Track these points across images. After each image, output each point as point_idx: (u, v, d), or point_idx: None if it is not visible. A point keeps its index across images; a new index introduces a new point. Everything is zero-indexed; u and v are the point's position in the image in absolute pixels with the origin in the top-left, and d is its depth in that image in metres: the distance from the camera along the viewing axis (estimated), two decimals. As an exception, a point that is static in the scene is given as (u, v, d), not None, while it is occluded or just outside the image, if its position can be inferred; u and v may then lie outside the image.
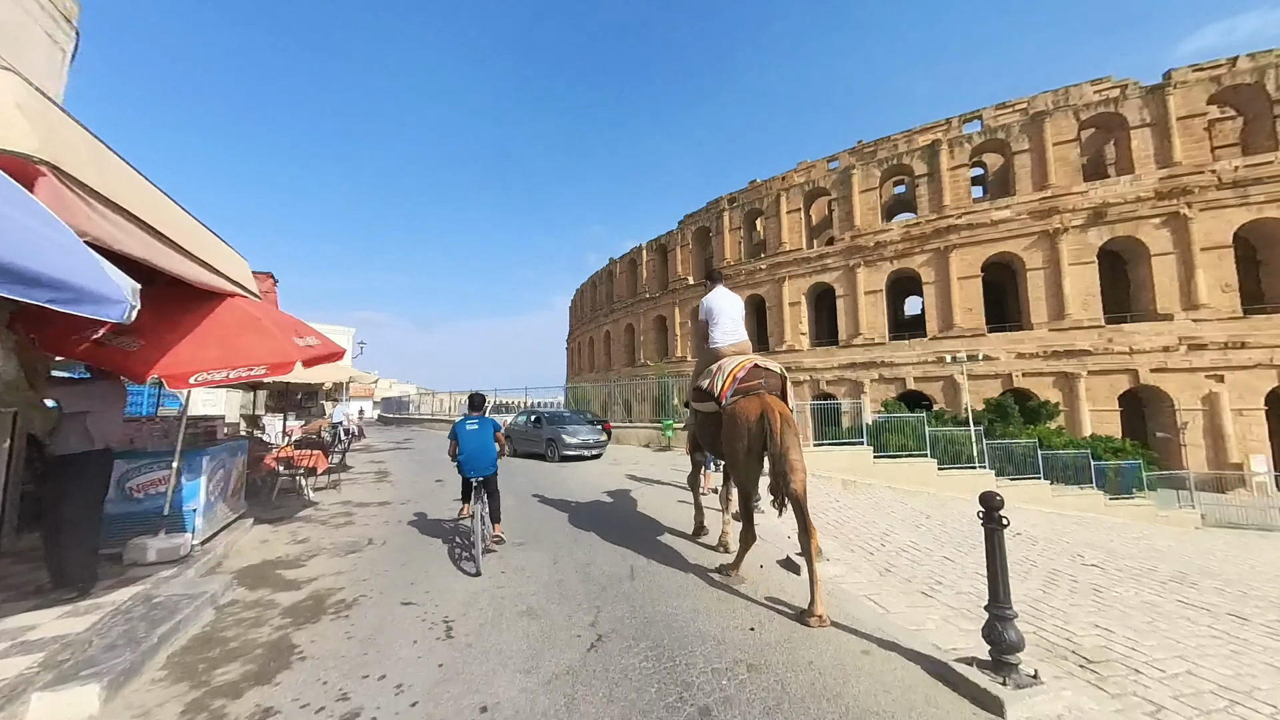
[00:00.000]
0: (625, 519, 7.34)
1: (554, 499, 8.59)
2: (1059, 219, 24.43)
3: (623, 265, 43.42)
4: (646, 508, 8.00)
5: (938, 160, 27.28)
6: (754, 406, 4.41)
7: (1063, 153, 24.85)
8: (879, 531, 8.66)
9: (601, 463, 13.60)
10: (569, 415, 15.19)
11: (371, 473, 12.24)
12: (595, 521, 7.12)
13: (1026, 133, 25.61)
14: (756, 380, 4.69)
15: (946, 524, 10.14)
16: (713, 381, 4.87)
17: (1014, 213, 25.43)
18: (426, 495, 9.05)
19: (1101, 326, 23.54)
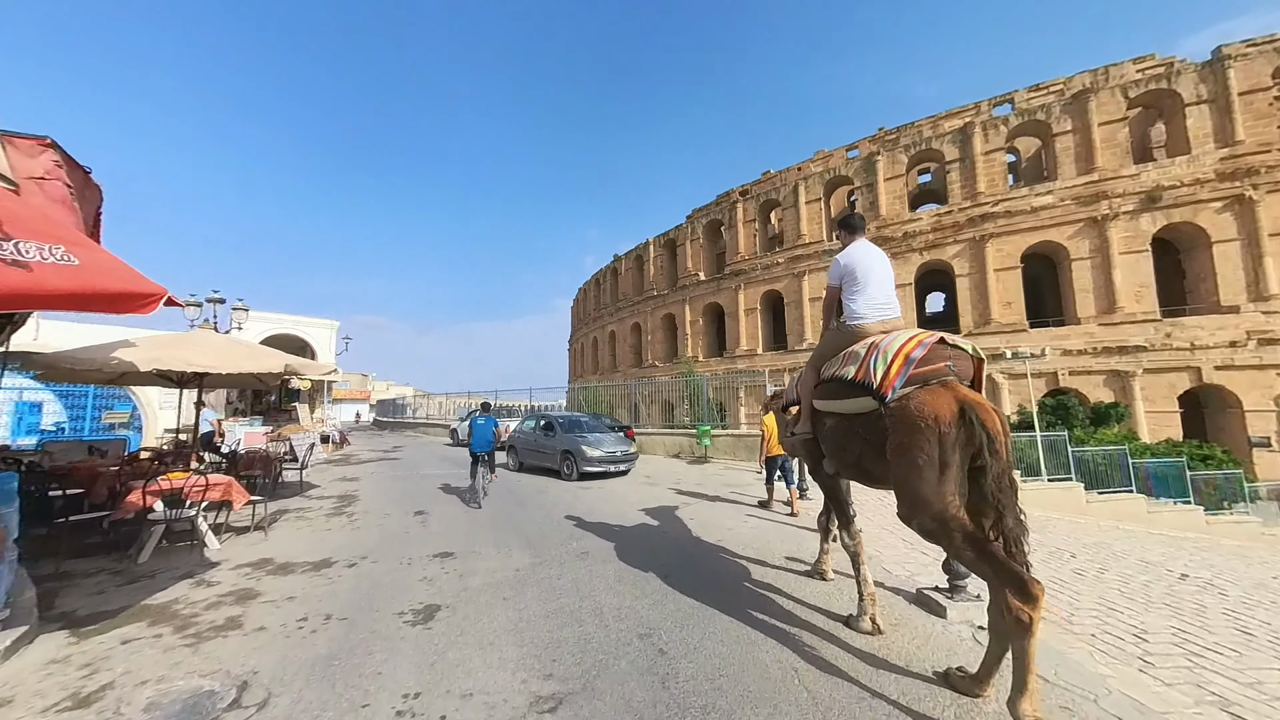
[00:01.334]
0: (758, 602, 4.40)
1: (599, 548, 5.62)
2: (1107, 204, 21.83)
3: (628, 262, 40.65)
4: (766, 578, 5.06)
5: (970, 144, 24.68)
6: (946, 402, 2.95)
7: (1110, 133, 22.28)
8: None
9: (633, 480, 10.74)
10: (587, 421, 12.32)
11: (333, 497, 9.36)
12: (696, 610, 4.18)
13: (1069, 113, 23.05)
14: (940, 363, 3.12)
15: (1082, 555, 7.31)
16: (864, 366, 3.31)
17: (1057, 198, 22.84)
18: (395, 543, 6.20)
19: (1158, 320, 20.91)
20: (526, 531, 6.70)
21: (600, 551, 5.73)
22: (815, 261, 28.54)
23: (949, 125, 27.50)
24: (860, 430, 3.40)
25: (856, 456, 3.52)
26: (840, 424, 3.63)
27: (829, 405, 3.72)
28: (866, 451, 3.39)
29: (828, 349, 3.87)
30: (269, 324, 19.98)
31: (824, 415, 3.81)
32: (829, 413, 3.74)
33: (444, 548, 5.95)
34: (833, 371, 3.64)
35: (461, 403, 26.96)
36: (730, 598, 4.35)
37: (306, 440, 14.91)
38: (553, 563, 5.35)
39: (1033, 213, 23.19)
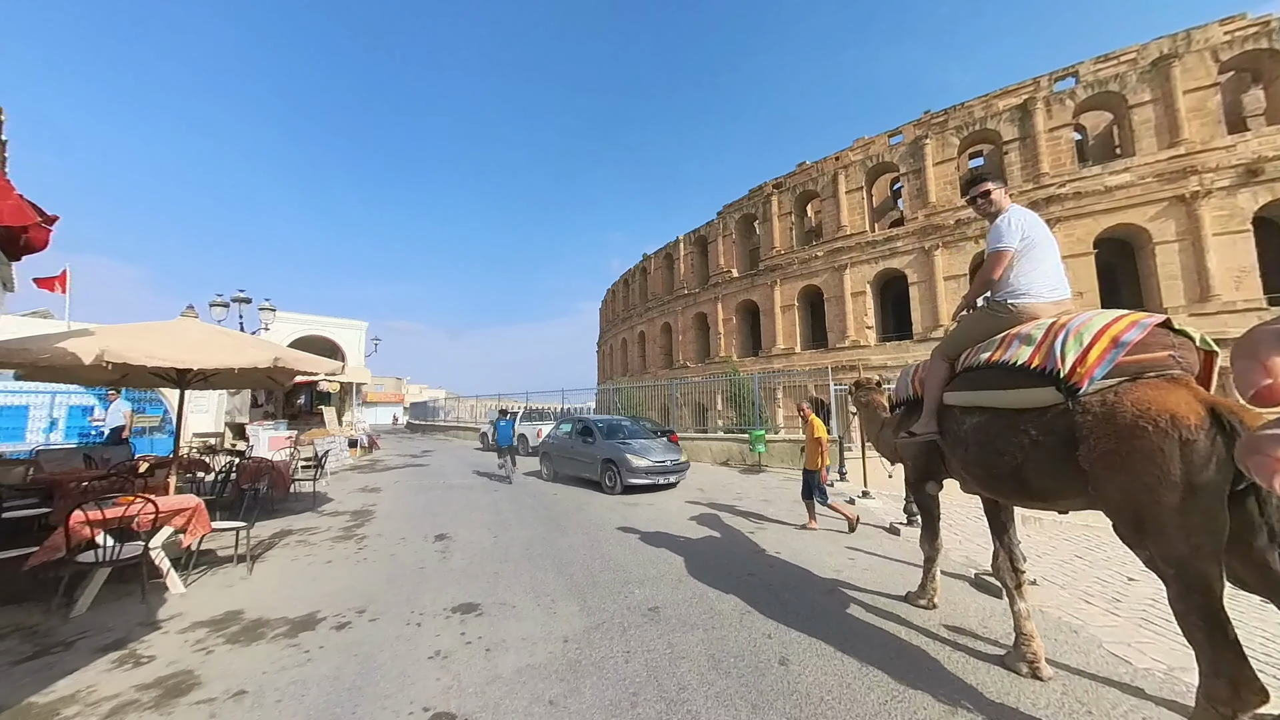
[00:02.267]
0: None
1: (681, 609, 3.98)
2: (1197, 180, 19.11)
3: (658, 261, 39.05)
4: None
5: (1032, 121, 22.22)
6: (1184, 401, 2.21)
7: (1198, 101, 19.55)
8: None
9: (685, 495, 9.10)
10: (629, 425, 10.73)
11: (347, 513, 8.00)
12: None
13: (1148, 81, 20.39)
14: (1162, 352, 2.40)
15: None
16: (1044, 349, 2.62)
17: (1135, 176, 20.19)
18: (405, 584, 4.72)
19: (1263, 309, 18.09)
20: (570, 569, 5.14)
21: (675, 607, 4.12)
22: (857, 254, 26.38)
23: (1004, 104, 24.99)
24: (1029, 430, 2.71)
25: (1015, 465, 2.78)
26: (992, 422, 2.91)
27: (975, 398, 3.02)
28: (1035, 458, 2.69)
29: (975, 332, 3.21)
30: (298, 325, 19.15)
31: (963, 412, 3.11)
32: (973, 408, 3.03)
33: (466, 595, 4.44)
34: (986, 357, 2.98)
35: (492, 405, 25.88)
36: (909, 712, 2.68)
37: (333, 445, 13.80)
38: (613, 627, 3.77)
39: (1106, 193, 20.59)
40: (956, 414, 3.16)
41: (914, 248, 24.66)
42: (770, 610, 4.04)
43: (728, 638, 3.59)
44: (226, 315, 15.12)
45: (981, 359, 3.02)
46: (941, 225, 23.87)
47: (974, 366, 3.07)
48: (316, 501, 8.88)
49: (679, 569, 5.08)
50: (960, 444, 3.12)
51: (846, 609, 4.07)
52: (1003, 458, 2.82)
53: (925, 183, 24.71)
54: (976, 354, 3.09)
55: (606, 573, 5.01)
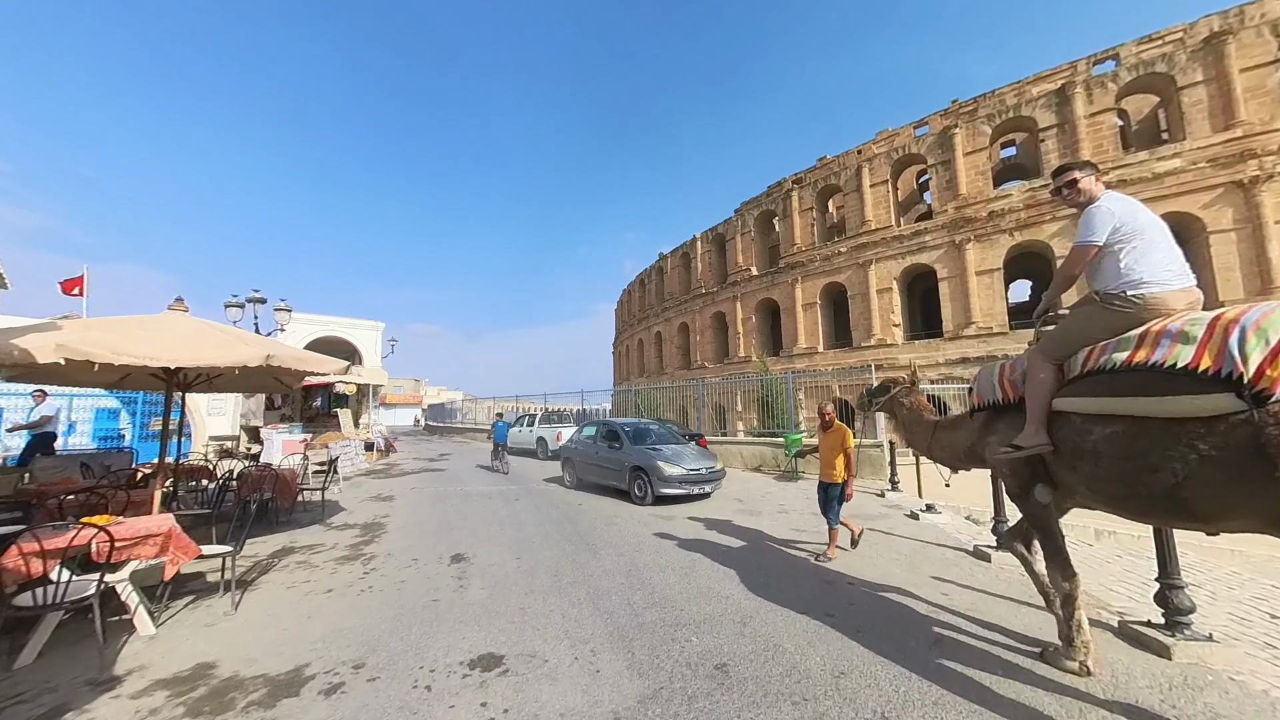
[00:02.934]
0: None
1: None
2: (1256, 164, 17.64)
3: (674, 260, 38.14)
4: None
5: (1071, 107, 20.85)
6: None
7: (1257, 80, 18.05)
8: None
9: (724, 506, 8.19)
10: (656, 429, 9.86)
11: (356, 527, 7.25)
12: None
13: (1199, 60, 18.93)
14: None
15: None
16: (1210, 348, 2.26)
17: (1186, 161, 18.74)
18: (414, 625, 3.91)
19: (1332, 301, 16.46)
20: (608, 602, 4.29)
21: (746, 664, 3.24)
22: (882, 249, 25.17)
23: (1038, 90, 23.58)
24: (1194, 443, 2.27)
25: (1172, 483, 2.36)
26: (1137, 433, 2.48)
27: (1111, 405, 2.59)
28: (1202, 475, 2.25)
29: (1092, 331, 2.84)
30: (314, 326, 18.67)
31: (1089, 420, 2.72)
32: (1107, 416, 2.62)
33: (487, 641, 3.61)
34: (1125, 357, 2.57)
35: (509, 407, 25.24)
36: None
37: (347, 449, 13.17)
38: (673, 695, 2.90)
39: (1155, 180, 19.15)
40: (1077, 422, 2.78)
41: (943, 242, 23.38)
42: (872, 672, 3.13)
43: (828, 714, 2.70)
44: (242, 316, 14.63)
45: (1117, 360, 2.61)
46: (973, 218, 22.57)
47: (1105, 369, 2.66)
48: (326, 512, 8.16)
49: (739, 606, 4.19)
50: (1086, 457, 2.73)
51: (968, 671, 3.15)
52: (1156, 474, 2.42)
53: (955, 174, 23.41)
54: (1105, 354, 2.70)
55: (652, 610, 4.14)
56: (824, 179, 28.78)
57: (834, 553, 5.48)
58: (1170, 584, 3.40)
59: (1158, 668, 3.17)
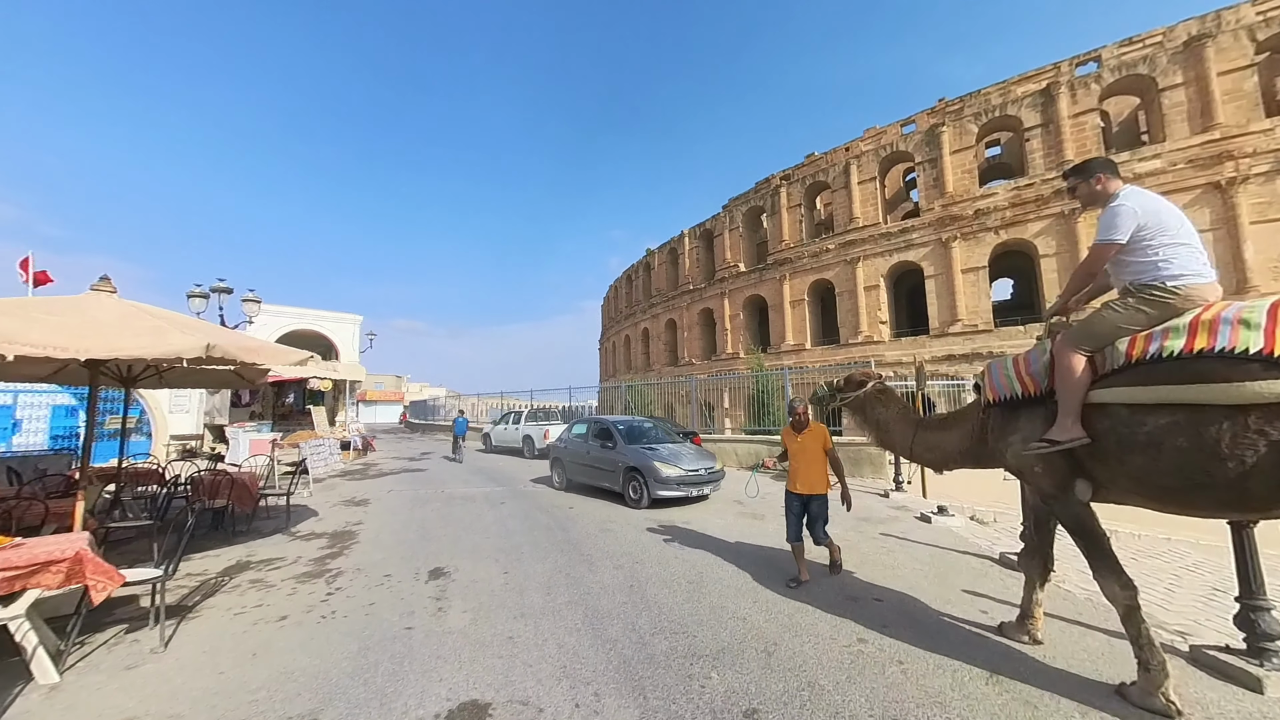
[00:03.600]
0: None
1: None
2: (1233, 166, 17.83)
3: (661, 256, 37.59)
4: None
5: (1055, 107, 20.89)
6: None
7: (1234, 83, 18.25)
8: None
9: (724, 508, 7.66)
10: (651, 428, 9.30)
11: (324, 536, 6.52)
12: None
13: (1179, 63, 19.09)
14: None
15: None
16: (1273, 334, 2.27)
17: (1166, 163, 18.90)
18: (380, 665, 3.20)
19: (1304, 300, 16.73)
20: (610, 628, 3.70)
21: (779, 704, 2.72)
22: (870, 246, 24.99)
23: (1023, 90, 23.61)
24: (1264, 429, 2.24)
25: (1240, 471, 2.30)
26: (1200, 422, 2.39)
27: (1168, 394, 2.48)
28: (1272, 461, 2.23)
29: (1131, 321, 2.73)
30: (286, 318, 17.61)
31: (1139, 411, 2.60)
32: (1163, 405, 2.51)
33: (470, 685, 2.99)
34: (1182, 345, 2.47)
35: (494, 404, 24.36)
36: None
37: (320, 448, 12.30)
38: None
39: (1136, 180, 19.18)
40: (1125, 414, 2.68)
41: (930, 239, 23.30)
42: (929, 717, 2.62)
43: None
44: (205, 307, 13.59)
45: (1173, 348, 2.53)
46: (960, 216, 22.51)
47: (1161, 357, 2.56)
48: (292, 519, 7.40)
49: (759, 631, 3.65)
50: (1139, 449, 2.61)
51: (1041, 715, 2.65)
52: (1224, 463, 2.36)
53: (942, 172, 23.33)
54: (1153, 343, 2.62)
55: (660, 637, 3.57)
56: (812, 176, 28.52)
57: (806, 575, 4.58)
58: (1255, 605, 2.97)
59: (1251, 705, 2.73)
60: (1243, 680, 2.88)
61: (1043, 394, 3.12)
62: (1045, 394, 3.10)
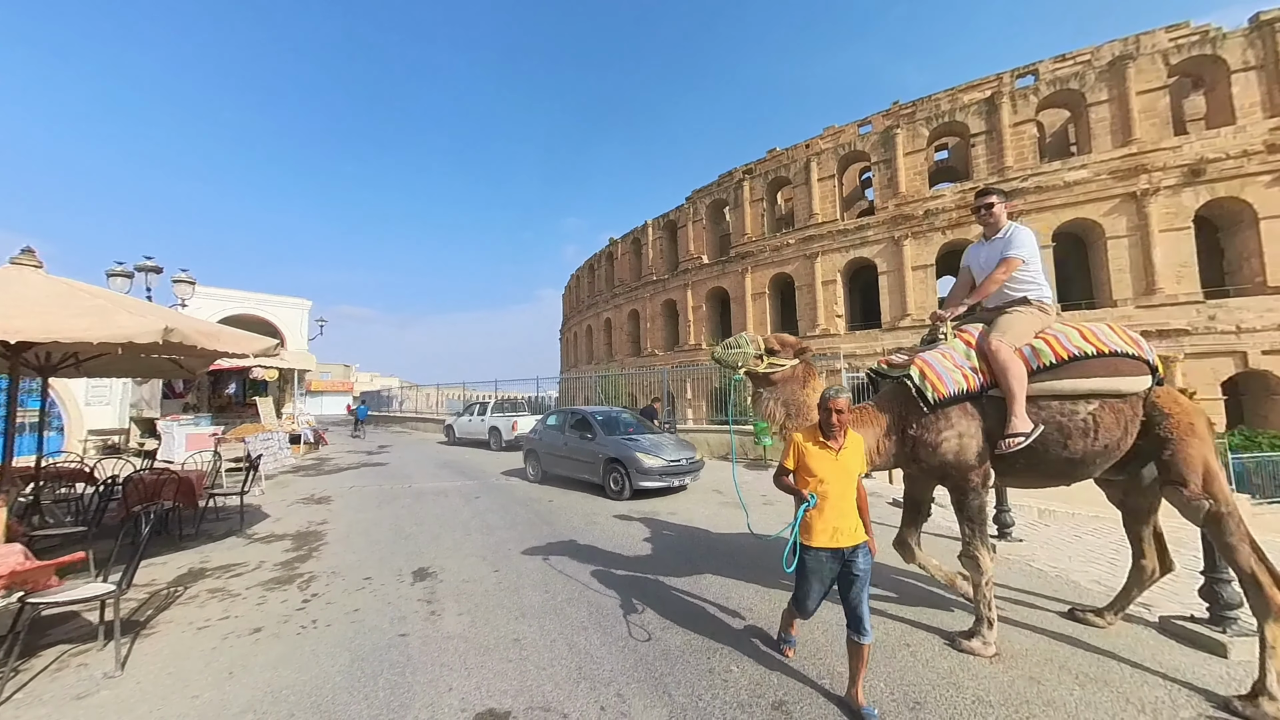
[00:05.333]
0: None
1: None
2: (1147, 178, 19.60)
3: (624, 246, 37.28)
4: None
5: (998, 115, 22.18)
6: None
7: (1149, 102, 20.00)
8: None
9: (706, 498, 7.68)
10: (629, 419, 9.20)
11: (287, 538, 6.03)
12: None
13: (1105, 81, 20.70)
14: None
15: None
16: (1132, 342, 3.24)
17: (1091, 173, 20.52)
18: (382, 667, 2.95)
19: (1201, 302, 18.86)
20: (620, 627, 3.60)
21: (804, 695, 2.71)
22: (828, 242, 25.81)
23: (969, 98, 24.94)
24: (1128, 412, 3.15)
25: (1112, 446, 3.15)
26: (1106, 408, 3.14)
27: (1091, 385, 3.15)
28: (1126, 438, 3.15)
29: (1033, 326, 3.35)
30: (225, 302, 16.10)
31: (1073, 400, 3.16)
32: (1087, 395, 3.15)
33: (484, 694, 2.81)
34: (1093, 348, 3.17)
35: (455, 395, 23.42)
36: None
37: (269, 443, 11.40)
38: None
39: (1066, 188, 20.84)
40: (1060, 404, 3.16)
41: (884, 237, 24.33)
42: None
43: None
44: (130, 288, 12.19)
45: (1089, 349, 3.15)
46: (911, 215, 23.60)
47: (1078, 356, 3.16)
48: (246, 520, 6.78)
49: (769, 622, 3.66)
50: (1078, 434, 3.13)
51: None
52: (1125, 438, 3.13)
53: (895, 173, 24.33)
54: (1071, 344, 3.19)
55: (672, 633, 3.51)
56: (774, 171, 29.03)
57: (863, 696, 2.62)
58: (1217, 578, 3.25)
59: (1219, 668, 2.99)
60: (1209, 647, 3.16)
61: (979, 390, 3.25)
62: (980, 390, 3.25)
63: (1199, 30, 21.81)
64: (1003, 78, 25.05)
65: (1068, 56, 24.10)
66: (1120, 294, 20.06)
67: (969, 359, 3.35)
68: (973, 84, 25.56)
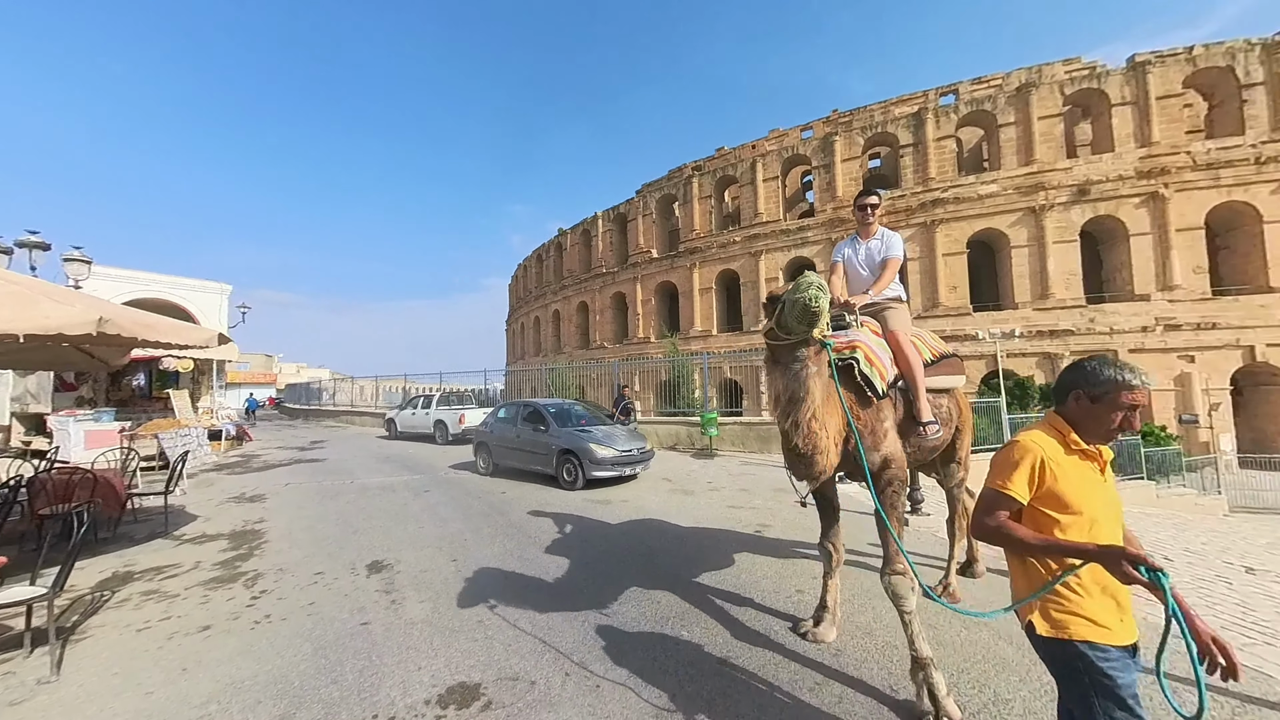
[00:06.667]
0: None
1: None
2: (1044, 195, 22.14)
3: (574, 237, 36.99)
4: None
5: (924, 130, 24.11)
6: None
7: (1047, 127, 22.53)
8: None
9: (656, 487, 8.05)
10: (582, 411, 9.41)
11: (222, 537, 5.84)
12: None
13: (1012, 105, 23.05)
14: None
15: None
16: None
17: (1000, 187, 22.88)
18: (348, 654, 3.08)
19: (1083, 306, 21.66)
20: (579, 605, 3.87)
21: (747, 652, 3.10)
22: (772, 241, 27.04)
23: (899, 111, 26.90)
24: (957, 408, 3.84)
25: (948, 435, 3.69)
26: (951, 403, 3.75)
27: (945, 382, 3.67)
28: (951, 427, 3.75)
29: (910, 325, 3.59)
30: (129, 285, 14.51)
31: (939, 394, 3.61)
32: (946, 390, 3.70)
33: (453, 670, 2.99)
34: (941, 347, 3.74)
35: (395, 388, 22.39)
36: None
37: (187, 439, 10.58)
38: (691, 702, 2.65)
39: (979, 200, 23.08)
40: (933, 397, 3.46)
41: (822, 238, 25.80)
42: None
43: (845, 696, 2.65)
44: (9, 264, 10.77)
45: (943, 350, 3.70)
46: (847, 219, 25.12)
47: (942, 355, 3.64)
48: (171, 522, 6.37)
49: (717, 593, 4.06)
50: (941, 424, 3.42)
51: (938, 631, 3.35)
52: (948, 433, 3.69)
53: (834, 177, 25.84)
54: (930, 344, 3.65)
55: (628, 607, 3.82)
56: (722, 169, 29.90)
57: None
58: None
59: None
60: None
61: (895, 379, 3.19)
62: (894, 380, 3.18)
63: (1088, 66, 24.73)
64: (929, 94, 27.17)
65: (983, 80, 26.52)
66: (1021, 298, 22.56)
67: (884, 349, 3.27)
68: (903, 98, 27.54)
